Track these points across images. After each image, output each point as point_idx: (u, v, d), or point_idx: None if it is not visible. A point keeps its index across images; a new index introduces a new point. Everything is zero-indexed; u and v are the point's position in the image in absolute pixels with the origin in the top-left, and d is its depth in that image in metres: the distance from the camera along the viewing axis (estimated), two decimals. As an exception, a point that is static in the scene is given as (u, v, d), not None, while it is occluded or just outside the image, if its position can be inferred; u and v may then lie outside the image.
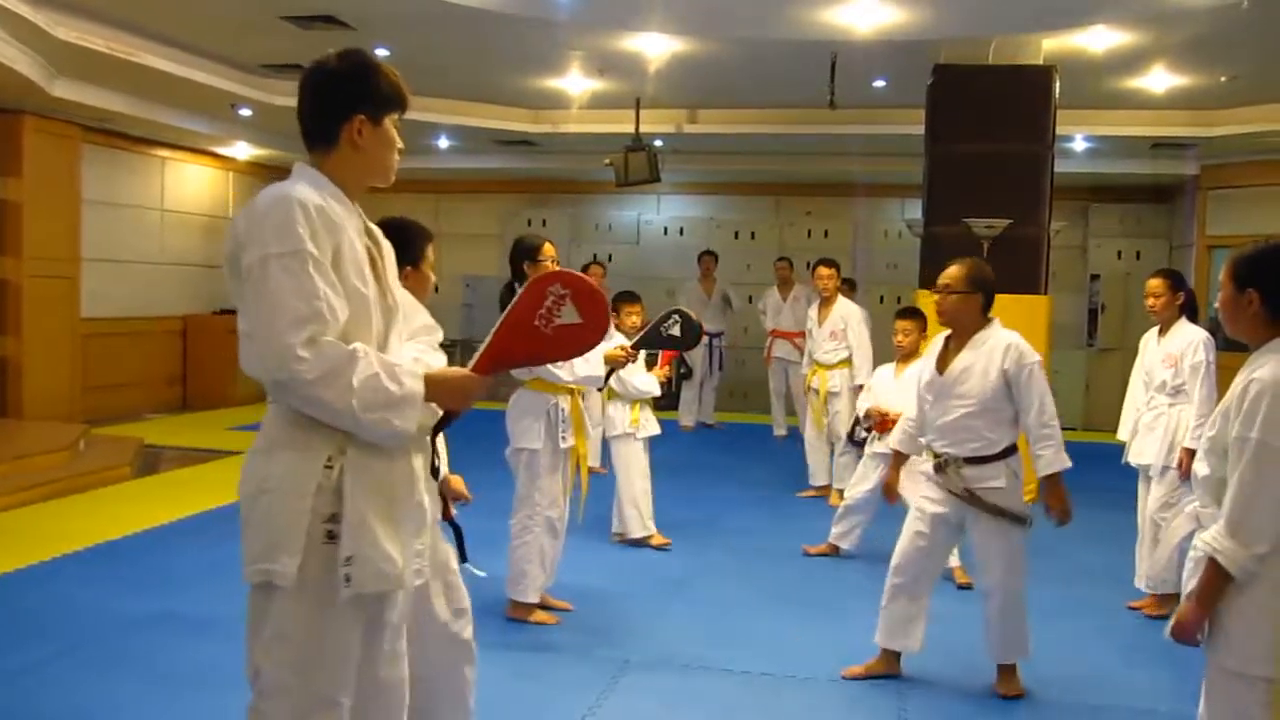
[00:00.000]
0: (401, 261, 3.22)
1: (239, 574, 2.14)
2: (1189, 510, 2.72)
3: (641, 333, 5.20)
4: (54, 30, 7.37)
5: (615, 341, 5.07)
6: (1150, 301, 5.22)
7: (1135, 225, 13.09)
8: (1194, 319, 5.19)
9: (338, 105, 2.21)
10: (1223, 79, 8.81)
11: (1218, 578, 2.37)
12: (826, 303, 7.79)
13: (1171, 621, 2.49)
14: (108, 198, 10.85)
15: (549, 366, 4.57)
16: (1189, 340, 5.05)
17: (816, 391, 7.78)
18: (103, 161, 10.68)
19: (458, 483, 3.32)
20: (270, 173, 13.43)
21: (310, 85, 2.24)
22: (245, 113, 10.27)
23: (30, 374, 9.37)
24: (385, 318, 2.24)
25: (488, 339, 2.29)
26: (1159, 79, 8.77)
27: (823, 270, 7.79)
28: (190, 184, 12.21)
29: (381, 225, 3.34)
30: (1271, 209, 11.21)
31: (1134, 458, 5.30)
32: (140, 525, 6.33)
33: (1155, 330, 5.29)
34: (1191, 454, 4.41)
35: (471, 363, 2.28)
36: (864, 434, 6.16)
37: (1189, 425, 4.91)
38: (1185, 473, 4.78)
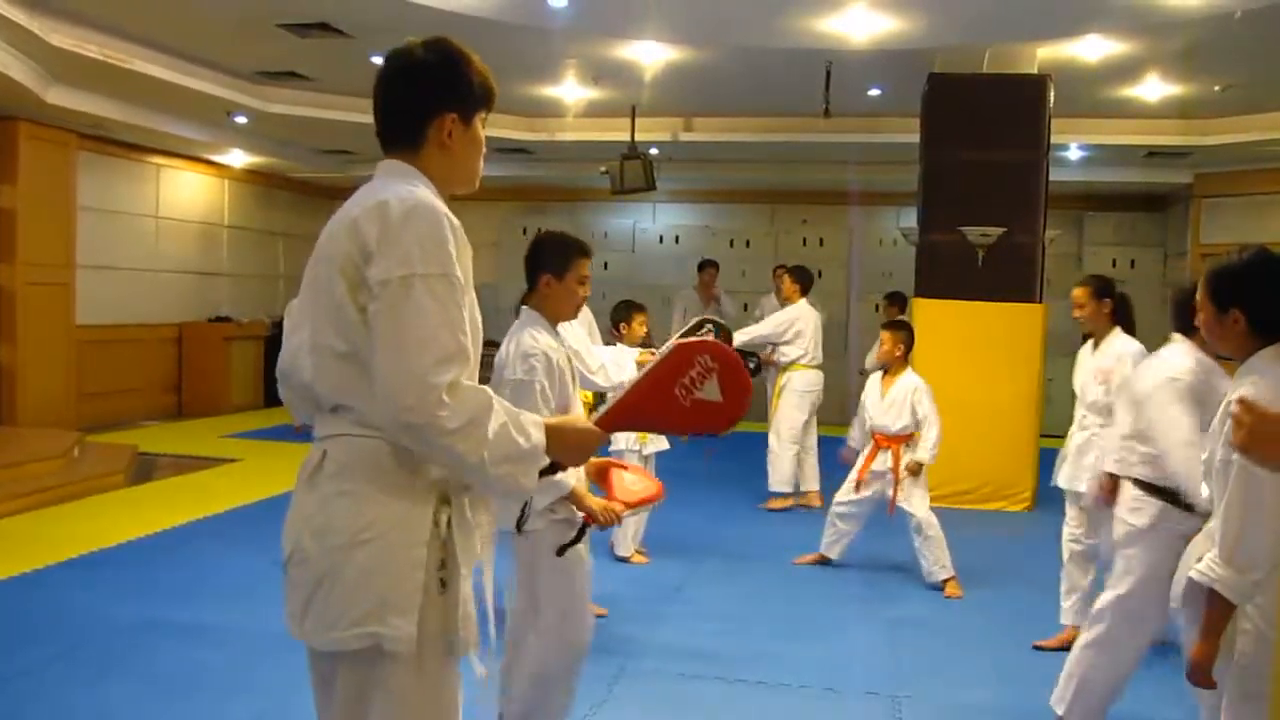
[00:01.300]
0: (544, 269, 3.30)
1: (233, 582, 2.09)
2: (1208, 529, 2.54)
3: (676, 339, 5.02)
4: (49, 37, 7.37)
5: (628, 353, 4.88)
6: (1075, 313, 4.78)
7: (1129, 233, 13.14)
8: (1130, 328, 4.74)
9: (427, 102, 1.99)
10: (1216, 88, 8.84)
11: (1220, 607, 2.28)
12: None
13: (1187, 666, 2.37)
14: (103, 204, 10.84)
15: (584, 375, 4.50)
16: (1118, 354, 4.60)
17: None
18: (98, 168, 10.67)
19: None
20: (266, 180, 13.46)
21: (395, 77, 2.02)
22: (241, 120, 10.28)
23: (25, 381, 9.36)
24: (475, 338, 1.92)
25: (620, 394, 2.15)
26: (1153, 88, 8.81)
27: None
28: (185, 191, 12.20)
29: (537, 237, 3.35)
30: (1265, 217, 11.26)
31: (1064, 482, 4.84)
32: (135, 532, 6.32)
33: (1090, 343, 4.86)
34: (1113, 479, 3.79)
35: (596, 415, 2.10)
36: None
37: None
38: (1107, 498, 3.89)
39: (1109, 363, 4.63)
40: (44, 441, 8.17)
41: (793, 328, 7.71)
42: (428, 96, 2.00)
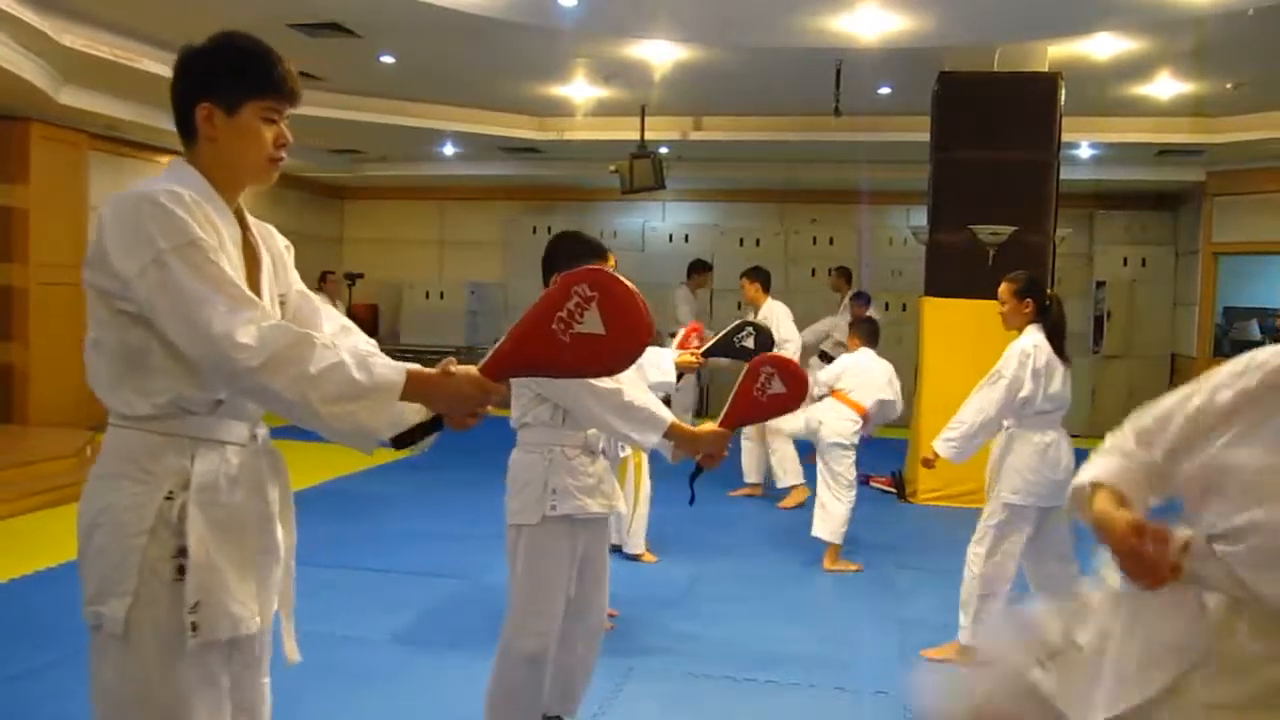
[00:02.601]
0: (561, 270, 3.24)
1: None
2: None
3: (713, 341, 5.00)
4: (60, 38, 7.40)
5: (667, 353, 4.80)
6: (999, 308, 4.63)
7: (1140, 232, 13.09)
8: (1056, 334, 4.52)
9: (186, 93, 2.00)
10: (1228, 86, 8.80)
11: None
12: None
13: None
14: (114, 205, 10.86)
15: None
16: (1006, 352, 4.45)
17: None
18: (109, 168, 10.70)
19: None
20: (276, 180, 13.47)
21: (173, 74, 2.04)
22: (251, 120, 10.28)
23: (37, 380, 9.39)
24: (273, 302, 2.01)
25: (502, 339, 2.03)
26: (1164, 86, 8.77)
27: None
28: (196, 191, 12.21)
29: (554, 237, 3.33)
30: (1277, 216, 11.21)
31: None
32: (145, 531, 6.33)
33: None
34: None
35: (480, 364, 2.00)
36: None
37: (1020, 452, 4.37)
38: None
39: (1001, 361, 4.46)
40: (55, 440, 8.20)
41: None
42: (188, 88, 2.01)
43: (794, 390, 2.99)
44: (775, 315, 7.90)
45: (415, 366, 1.91)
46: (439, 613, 5.01)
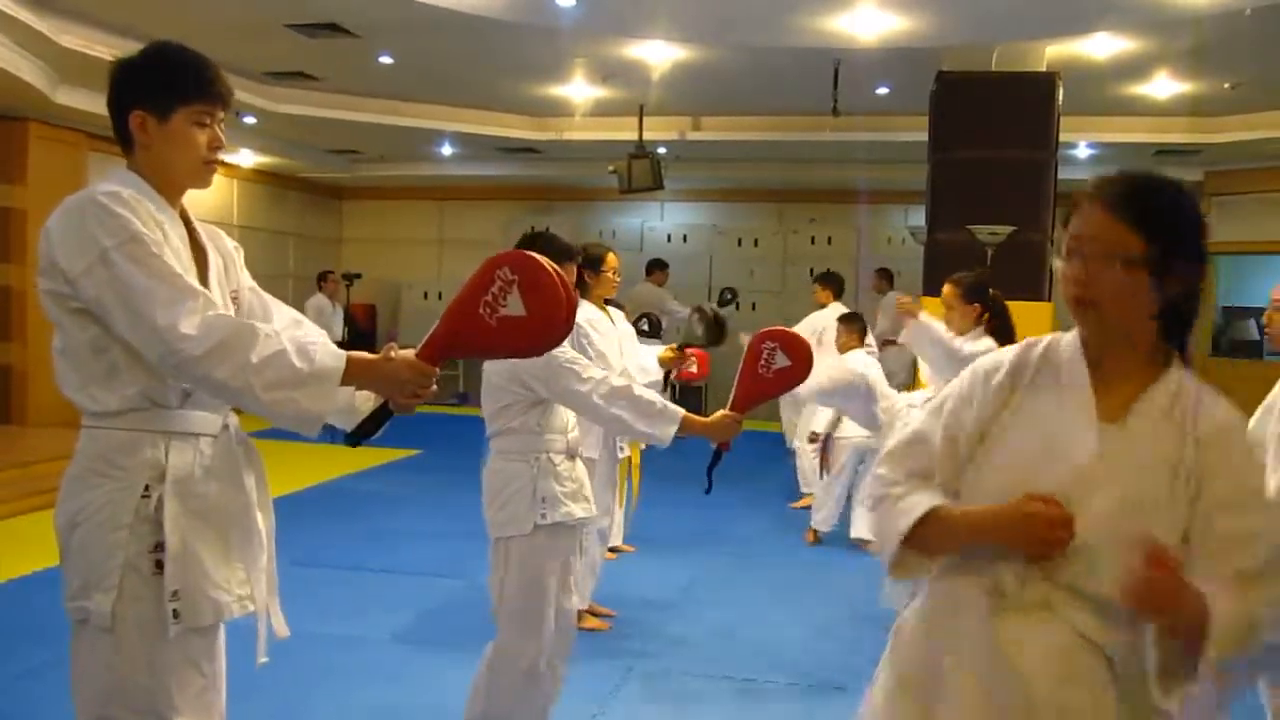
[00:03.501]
0: None
1: None
2: None
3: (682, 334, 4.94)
4: (58, 38, 7.40)
5: (649, 351, 4.81)
6: (944, 313, 4.59)
7: (1139, 232, 13.09)
8: (1007, 338, 4.24)
9: (119, 102, 2.06)
10: (1226, 86, 8.81)
11: None
12: None
13: None
14: (112, 205, 10.85)
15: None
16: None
17: None
18: (108, 169, 10.56)
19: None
20: (274, 180, 13.48)
21: (107, 84, 2.10)
22: (249, 120, 10.29)
23: (35, 381, 9.38)
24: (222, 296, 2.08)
25: (436, 323, 2.06)
26: (1162, 86, 8.78)
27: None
28: (194, 192, 12.10)
29: (524, 238, 3.27)
30: (1275, 216, 11.22)
31: None
32: (144, 532, 6.33)
33: None
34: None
35: (417, 348, 2.04)
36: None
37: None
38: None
39: None
40: (53, 441, 8.18)
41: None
42: (121, 97, 2.06)
43: (799, 362, 2.99)
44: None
45: (356, 353, 1.97)
46: (439, 613, 5.01)
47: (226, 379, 1.84)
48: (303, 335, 2.05)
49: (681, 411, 3.06)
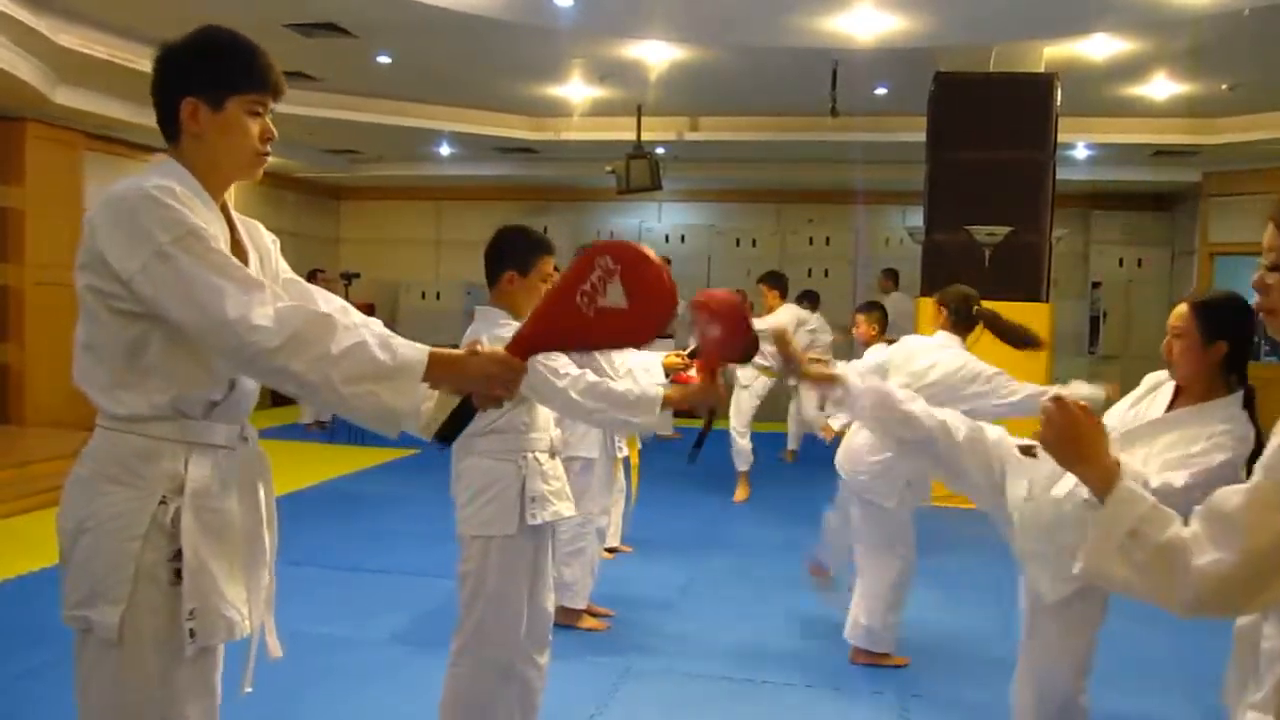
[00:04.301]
0: (507, 266, 3.18)
1: None
2: None
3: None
4: (56, 37, 7.39)
5: (654, 357, 4.76)
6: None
7: (1137, 232, 13.12)
8: (1012, 341, 4.51)
9: (170, 90, 1.97)
10: (1224, 87, 8.82)
11: None
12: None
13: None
14: (110, 205, 10.84)
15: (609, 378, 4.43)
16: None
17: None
18: (105, 168, 10.67)
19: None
20: (272, 180, 13.47)
21: (152, 72, 2.00)
22: (247, 120, 10.27)
23: (33, 381, 9.37)
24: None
25: (525, 319, 2.01)
26: (1160, 86, 8.78)
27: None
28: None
29: (499, 231, 3.26)
30: (1273, 216, 11.21)
31: None
32: (142, 532, 6.33)
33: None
34: None
35: (506, 342, 1.99)
36: None
37: None
38: None
39: None
40: (51, 441, 8.18)
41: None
42: (170, 85, 1.97)
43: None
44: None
45: (439, 349, 1.90)
46: (437, 614, 5.00)
47: (304, 371, 1.77)
48: (370, 324, 1.97)
49: (660, 392, 3.02)
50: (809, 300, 10.13)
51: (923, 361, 4.38)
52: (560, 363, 3.01)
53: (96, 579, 1.85)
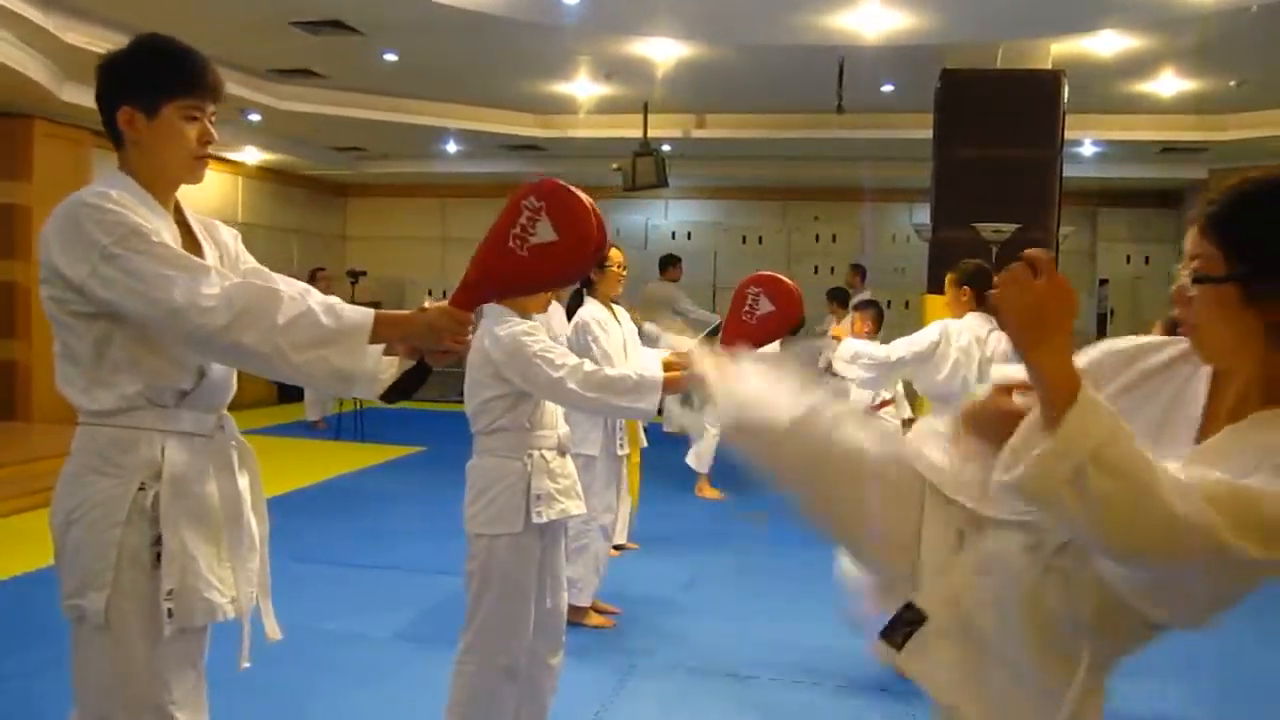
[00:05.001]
0: None
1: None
2: None
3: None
4: (63, 35, 7.40)
5: (653, 355, 4.76)
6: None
7: (1144, 230, 13.08)
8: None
9: (108, 99, 2.04)
10: (1232, 83, 8.79)
11: None
12: None
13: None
14: (117, 202, 10.86)
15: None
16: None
17: None
18: (112, 165, 10.59)
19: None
20: (279, 177, 13.49)
21: (96, 80, 2.06)
22: (254, 118, 10.30)
23: (39, 377, 9.39)
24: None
25: (466, 269, 2.04)
26: (1167, 83, 8.76)
27: None
28: (199, 188, 11.99)
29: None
30: (1281, 214, 11.18)
31: None
32: (148, 529, 6.34)
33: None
34: None
35: (450, 296, 2.03)
36: None
37: None
38: None
39: None
40: (56, 438, 8.13)
41: None
42: (109, 94, 2.03)
43: (784, 308, 2.90)
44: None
45: (386, 311, 1.96)
46: (441, 610, 5.00)
47: (255, 344, 1.82)
48: (329, 299, 2.03)
49: (660, 375, 2.99)
50: (838, 301, 10.11)
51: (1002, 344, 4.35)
52: (557, 353, 3.00)
53: (84, 567, 1.93)
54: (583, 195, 2.01)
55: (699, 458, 7.84)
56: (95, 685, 1.97)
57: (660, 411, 3.06)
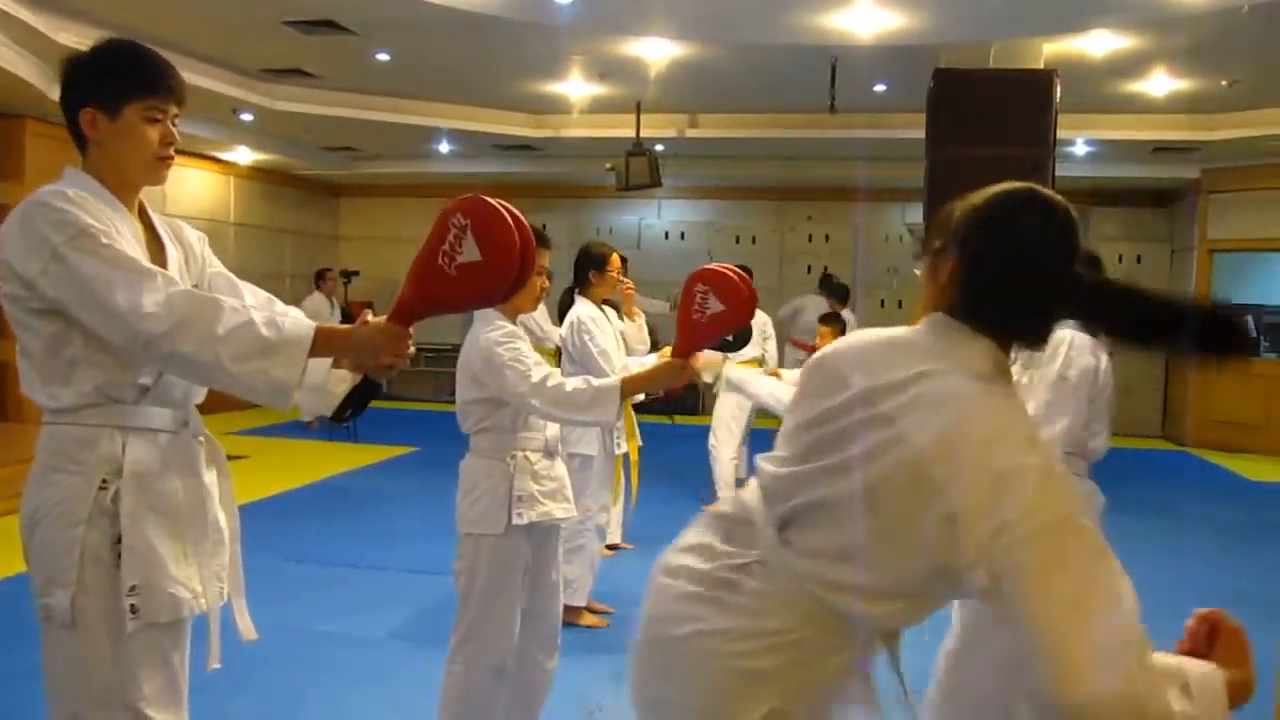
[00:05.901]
0: None
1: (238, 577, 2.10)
2: None
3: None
4: (55, 35, 7.38)
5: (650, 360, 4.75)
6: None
7: (1136, 229, 13.11)
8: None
9: (69, 101, 2.04)
10: (1224, 83, 8.81)
11: None
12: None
13: None
14: (109, 202, 10.84)
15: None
16: None
17: None
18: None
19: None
20: (272, 177, 13.47)
21: (60, 82, 2.07)
22: (246, 118, 10.28)
23: (31, 378, 9.38)
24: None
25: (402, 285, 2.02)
26: (1160, 83, 8.78)
27: None
28: (191, 188, 12.18)
29: None
30: (1273, 213, 11.23)
31: None
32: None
33: None
34: None
35: (389, 312, 2.02)
36: None
37: None
38: None
39: None
40: (51, 439, 8.18)
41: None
42: (71, 95, 2.04)
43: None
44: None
45: (327, 324, 1.95)
46: (438, 610, 5.00)
47: (194, 353, 1.82)
48: (277, 310, 2.04)
49: (617, 381, 2.96)
50: (835, 293, 9.97)
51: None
52: (525, 363, 2.98)
53: (49, 566, 1.96)
54: (508, 212, 1.98)
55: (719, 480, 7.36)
56: (65, 683, 1.99)
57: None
